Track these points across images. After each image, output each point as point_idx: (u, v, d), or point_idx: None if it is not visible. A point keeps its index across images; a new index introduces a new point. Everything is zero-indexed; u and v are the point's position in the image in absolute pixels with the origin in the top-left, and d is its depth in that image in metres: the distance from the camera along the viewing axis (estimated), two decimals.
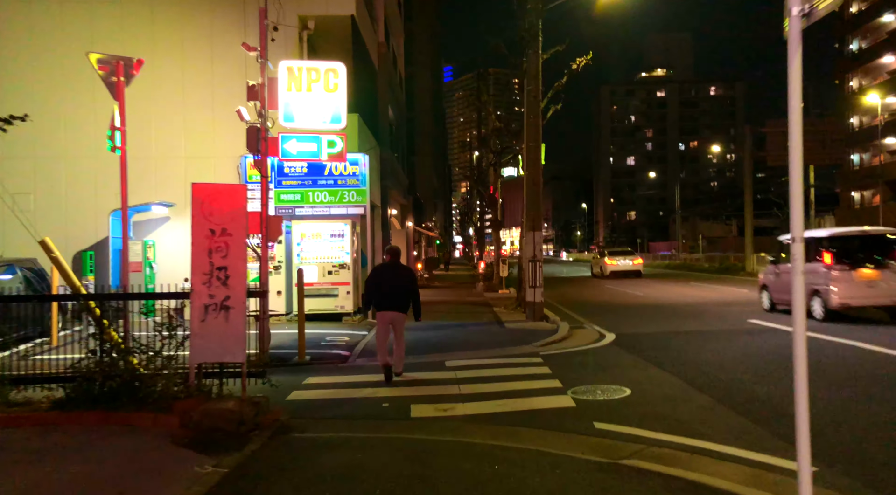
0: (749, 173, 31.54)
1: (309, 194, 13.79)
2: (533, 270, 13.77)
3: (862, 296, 12.11)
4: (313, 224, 13.40)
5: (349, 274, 13.26)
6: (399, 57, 26.56)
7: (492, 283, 25.17)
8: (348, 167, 13.79)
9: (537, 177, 14.00)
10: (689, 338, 10.94)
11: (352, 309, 13.26)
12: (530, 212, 14.04)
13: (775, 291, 14.14)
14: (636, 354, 9.45)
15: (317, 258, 13.28)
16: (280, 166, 13.71)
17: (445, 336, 11.77)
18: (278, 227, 9.55)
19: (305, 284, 12.84)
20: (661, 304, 17.45)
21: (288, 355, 9.71)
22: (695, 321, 13.43)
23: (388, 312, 8.05)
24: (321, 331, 12.01)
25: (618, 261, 32.24)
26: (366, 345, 10.77)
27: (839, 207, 51.41)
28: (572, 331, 11.94)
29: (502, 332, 12.22)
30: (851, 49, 49.00)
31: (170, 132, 14.18)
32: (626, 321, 13.82)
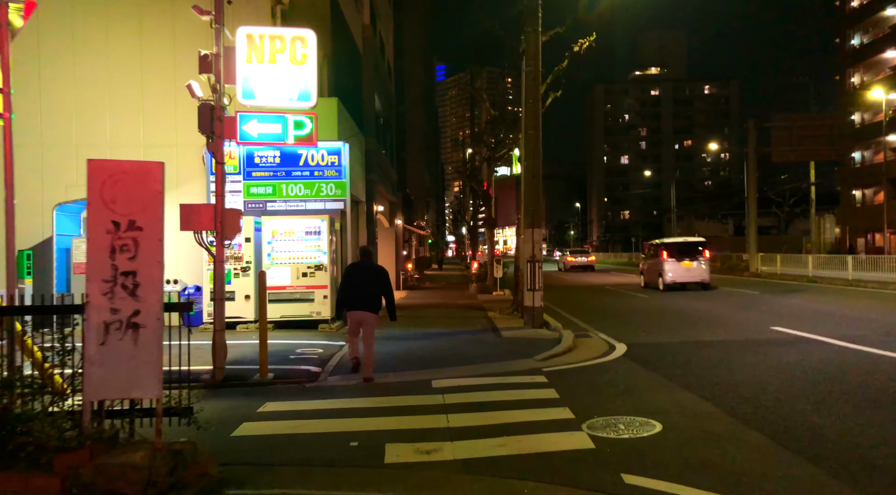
0: (753, 170, 30.28)
1: (282, 187, 12.37)
2: (532, 272, 12.39)
3: (683, 276, 21.43)
4: (286, 220, 11.97)
5: (326, 276, 11.84)
6: (387, 46, 25.14)
7: (485, 284, 23.80)
8: (326, 157, 12.37)
9: (537, 169, 12.62)
10: (710, 350, 9.58)
11: (329, 315, 11.84)
12: (529, 208, 12.65)
13: (645, 275, 23.91)
14: (655, 371, 8.08)
15: (290, 258, 11.85)
16: (250, 156, 12.28)
17: (434, 347, 10.37)
18: (235, 223, 8.11)
19: (276, 288, 11.46)
20: (668, 309, 16.11)
21: (248, 372, 8.28)
22: (711, 328, 12.10)
23: (357, 312, 7.98)
24: (292, 342, 10.58)
25: (576, 258, 44.24)
26: (341, 358, 9.36)
27: (840, 206, 50.34)
28: (577, 341, 10.56)
29: (498, 342, 10.83)
30: (853, 44, 47.92)
31: (126, 118, 12.72)
32: (635, 328, 12.46)
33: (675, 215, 71.86)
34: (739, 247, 56.78)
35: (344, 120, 13.37)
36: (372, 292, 7.97)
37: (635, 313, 15.33)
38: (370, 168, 17.41)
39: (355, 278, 8.03)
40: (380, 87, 21.23)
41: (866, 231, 45.91)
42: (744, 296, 19.16)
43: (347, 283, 8.04)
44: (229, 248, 11.78)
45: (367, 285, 7.96)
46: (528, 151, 12.68)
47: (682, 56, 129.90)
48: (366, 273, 8.06)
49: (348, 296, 8.00)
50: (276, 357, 9.26)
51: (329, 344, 10.44)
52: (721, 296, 19.17)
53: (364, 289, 7.94)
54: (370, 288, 7.97)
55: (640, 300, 18.87)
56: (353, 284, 7.99)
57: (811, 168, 39.39)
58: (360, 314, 7.96)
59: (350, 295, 7.98)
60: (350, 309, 8.00)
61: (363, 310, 7.95)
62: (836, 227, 50.86)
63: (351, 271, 8.19)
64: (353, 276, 8.06)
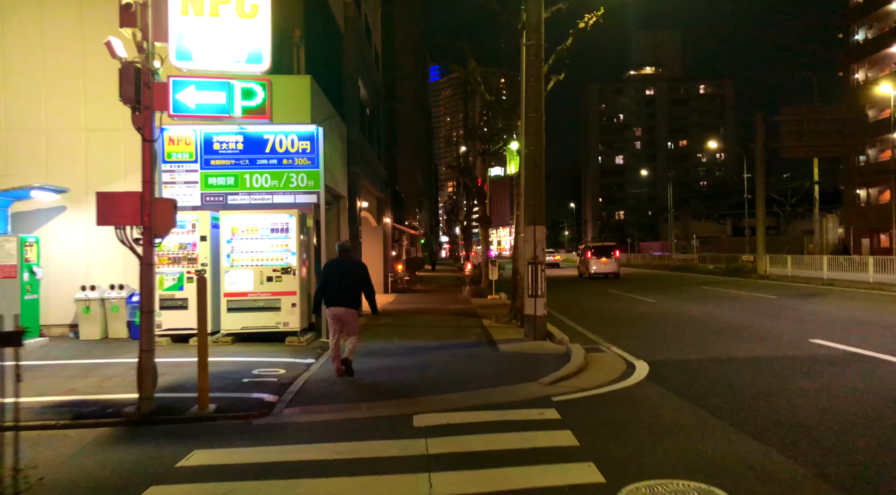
0: (761, 166, 28.76)
1: (245, 177, 10.70)
2: (533, 275, 10.77)
3: (601, 268, 31.30)
4: (248, 216, 10.30)
5: (295, 280, 10.17)
6: (375, 32, 23.46)
7: (479, 287, 22.17)
8: (297, 142, 10.71)
9: (539, 158, 11.00)
10: (751, 370, 7.98)
11: (298, 326, 10.17)
12: (530, 202, 11.03)
13: (580, 267, 33.61)
14: (694, 401, 6.46)
15: (252, 260, 10.17)
16: (208, 142, 10.61)
17: (419, 365, 8.72)
18: (167, 217, 6.45)
19: (236, 294, 9.81)
20: (681, 316, 14.52)
21: (186, 402, 6.64)
22: (740, 341, 10.50)
23: (336, 308, 7.76)
24: (251, 359, 8.91)
25: None
26: (307, 381, 7.70)
27: (843, 206, 48.97)
28: (588, 357, 8.93)
29: (496, 359, 9.19)
30: (857, 39, 46.57)
31: (65, 97, 11.03)
32: (652, 340, 10.85)
33: (672, 215, 70.55)
34: (738, 247, 55.56)
35: (319, 101, 11.71)
36: (351, 288, 7.79)
37: (647, 321, 13.73)
38: (353, 160, 15.75)
39: (334, 274, 7.81)
40: (366, 75, 19.56)
41: (871, 231, 44.57)
42: (761, 301, 17.60)
43: (326, 280, 7.81)
44: (183, 249, 10.13)
45: (345, 281, 7.75)
46: (530, 138, 11.06)
47: (677, 55, 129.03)
48: (345, 269, 7.87)
49: (327, 293, 7.77)
50: (227, 380, 7.62)
51: (295, 362, 8.77)
52: (736, 302, 17.61)
53: (343, 286, 7.74)
54: (349, 284, 7.77)
55: (647, 305, 17.28)
56: (331, 280, 7.77)
57: (815, 166, 37.98)
58: (339, 311, 7.75)
59: (329, 291, 7.76)
60: (329, 305, 7.78)
61: (343, 307, 7.74)
62: (839, 228, 49.54)
63: (329, 267, 7.94)
64: (331, 272, 7.85)
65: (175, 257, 10.12)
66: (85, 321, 10.47)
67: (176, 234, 10.13)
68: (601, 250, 32.07)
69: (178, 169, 10.61)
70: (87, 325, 10.49)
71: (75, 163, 10.84)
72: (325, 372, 8.25)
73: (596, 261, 31.43)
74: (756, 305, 16.38)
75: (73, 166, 10.81)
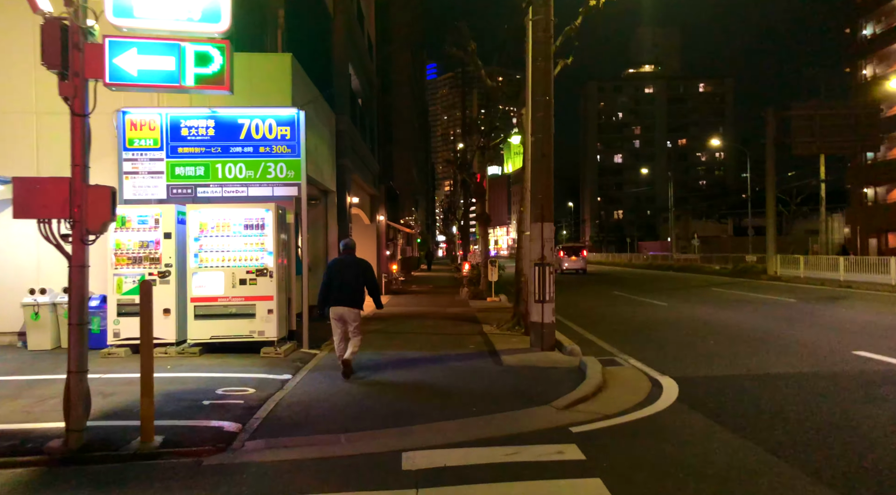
0: (771, 163, 27.64)
1: (217, 167, 9.51)
2: (541, 278, 9.61)
3: (571, 266, 37.00)
4: (219, 210, 9.10)
5: (272, 283, 8.97)
6: (368, 19, 22.27)
7: (478, 289, 20.98)
8: (276, 128, 9.53)
9: (548, 146, 9.83)
10: (801, 392, 6.83)
11: (275, 335, 8.97)
12: (537, 196, 9.86)
13: None
14: (745, 435, 5.30)
15: (224, 260, 8.97)
16: (175, 127, 9.42)
17: (412, 382, 7.54)
18: (103, 208, 5.26)
19: (204, 299, 8.64)
20: (698, 322, 13.37)
21: (128, 432, 5.45)
22: (773, 352, 9.36)
23: (338, 307, 7.70)
24: (217, 375, 7.72)
25: None
26: (279, 403, 6.52)
27: (850, 205, 47.87)
28: (606, 372, 7.76)
29: (500, 374, 8.02)
30: (864, 34, 45.49)
31: (13, 77, 9.81)
32: (673, 351, 9.70)
33: (672, 215, 69.55)
34: (740, 247, 54.45)
35: (301, 82, 10.53)
36: (353, 287, 7.70)
37: (662, 327, 12.57)
38: (342, 151, 14.57)
39: (337, 273, 7.71)
40: (357, 63, 18.39)
41: (879, 231, 43.51)
42: (780, 305, 16.46)
43: (330, 279, 7.72)
44: (145, 248, 8.94)
45: (349, 280, 7.68)
46: (536, 124, 9.89)
47: (677, 53, 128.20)
48: (348, 267, 7.77)
49: (331, 292, 7.69)
50: (184, 401, 6.45)
51: (268, 378, 7.59)
52: (753, 305, 16.47)
53: (346, 284, 7.66)
54: (352, 282, 7.69)
55: (658, 309, 16.14)
56: (334, 279, 7.68)
57: (821, 163, 36.93)
58: (341, 309, 7.68)
59: (332, 290, 7.68)
60: (331, 304, 7.72)
61: (344, 306, 7.67)
62: (845, 227, 48.47)
63: (333, 266, 7.87)
64: (334, 270, 7.75)
65: (136, 257, 8.92)
66: (34, 329, 9.27)
67: (136, 231, 8.94)
68: (571, 250, 38.63)
69: (141, 157, 9.42)
70: (36, 334, 9.29)
71: (24, 149, 9.65)
72: (303, 390, 7.08)
73: (567, 259, 37.33)
74: (776, 310, 15.23)
75: (21, 153, 9.61)
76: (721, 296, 19.60)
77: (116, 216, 5.56)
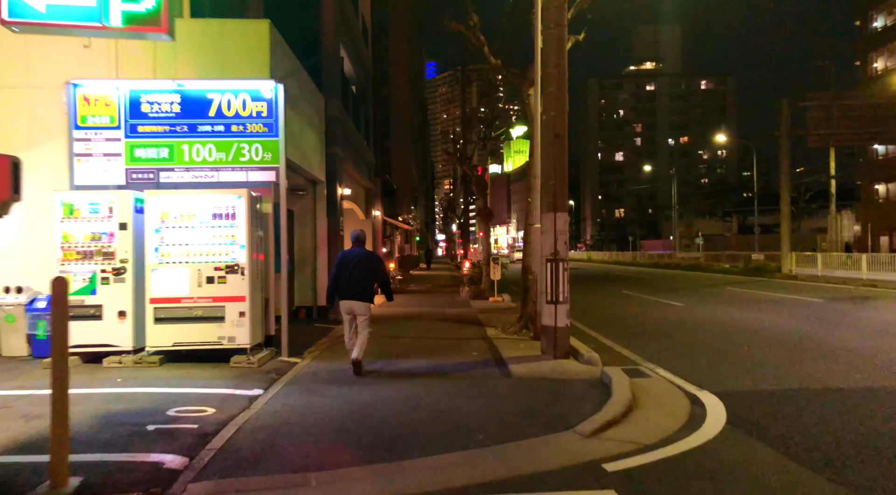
0: (786, 156, 26.42)
1: (183, 148, 8.30)
2: (554, 275, 8.41)
3: None
4: (183, 198, 7.89)
5: (244, 282, 7.76)
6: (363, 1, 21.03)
7: (479, 288, 19.78)
8: (250, 103, 8.32)
9: (561, 126, 8.62)
10: (878, 412, 5.64)
11: (248, 341, 7.77)
12: (549, 183, 8.66)
13: None
14: (836, 479, 4.11)
15: (188, 254, 7.77)
16: (135, 103, 8.21)
17: (405, 400, 6.32)
18: (1, 184, 4.06)
19: (166, 299, 7.44)
20: (723, 324, 12.17)
21: (40, 471, 4.26)
22: (820, 359, 8.17)
23: (347, 301, 7.50)
24: (175, 390, 6.51)
25: None
26: (242, 428, 5.31)
27: (860, 202, 46.65)
28: (633, 386, 6.56)
29: (509, 389, 6.81)
30: (875, 27, 44.27)
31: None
32: (704, 357, 8.50)
33: (675, 213, 68.40)
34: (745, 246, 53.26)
35: (281, 53, 9.32)
36: (364, 280, 7.53)
37: (684, 330, 11.37)
38: (333, 138, 13.36)
39: (345, 266, 7.52)
40: (350, 46, 17.17)
41: (890, 228, 42.31)
42: (807, 305, 15.26)
43: (339, 272, 7.55)
44: (97, 240, 7.73)
45: (358, 272, 7.49)
46: (548, 100, 8.69)
47: (678, 50, 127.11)
48: (358, 260, 7.57)
49: (340, 285, 7.53)
50: (125, 425, 5.27)
51: (233, 394, 6.38)
52: (778, 306, 15.27)
53: (356, 277, 7.48)
54: (362, 275, 7.51)
55: (675, 310, 14.93)
56: (343, 273, 7.50)
57: (831, 159, 35.78)
58: (349, 303, 7.51)
59: (341, 283, 7.53)
60: (341, 298, 7.57)
61: (353, 299, 7.49)
62: (855, 225, 47.26)
63: (342, 259, 7.64)
64: (343, 264, 7.56)
65: (86, 251, 7.71)
66: None
67: (87, 221, 7.73)
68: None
69: (95, 137, 8.20)
70: None
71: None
72: (274, 409, 5.87)
73: None
74: (805, 311, 14.03)
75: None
76: (738, 295, 18.40)
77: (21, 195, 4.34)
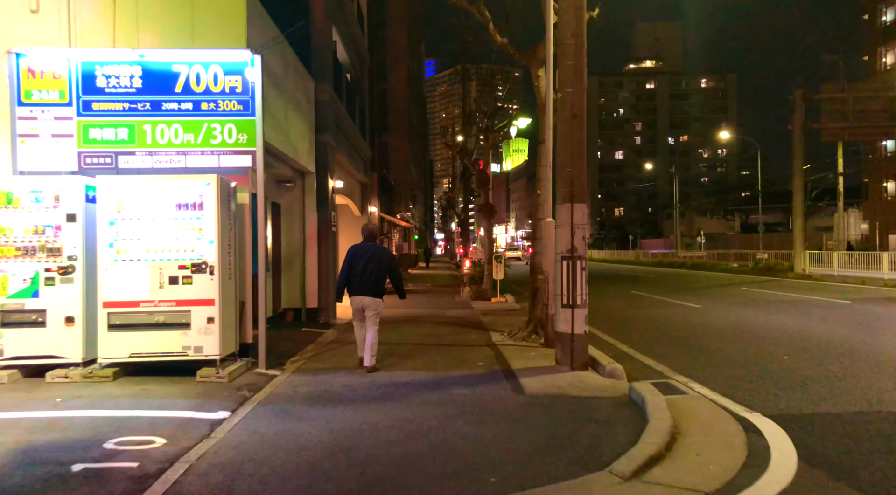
0: (800, 149, 25.42)
1: (146, 129, 7.21)
2: (570, 275, 7.36)
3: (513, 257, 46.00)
4: (142, 183, 6.80)
5: (213, 283, 6.68)
6: None
7: (481, 288, 18.72)
8: (222, 78, 7.23)
9: (579, 103, 7.55)
10: None
11: (218, 351, 6.68)
12: (566, 170, 7.59)
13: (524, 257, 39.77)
14: None
15: (148, 251, 6.68)
16: (89, 76, 7.13)
17: (399, 427, 5.22)
18: None
19: (122, 303, 6.36)
20: (750, 328, 11.11)
21: None
22: (876, 370, 7.10)
23: (358, 297, 7.37)
24: (124, 413, 5.42)
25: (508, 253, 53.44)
26: (194, 466, 4.22)
27: (868, 200, 45.64)
28: (671, 407, 5.49)
29: (523, 410, 5.72)
30: (885, 20, 43.25)
31: None
32: (744, 369, 7.44)
33: (677, 211, 67.44)
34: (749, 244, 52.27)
35: (260, 20, 8.24)
36: (376, 276, 7.38)
37: (709, 335, 10.30)
38: (323, 125, 12.28)
39: (357, 261, 7.38)
40: (344, 30, 16.09)
41: None
42: (836, 307, 14.20)
43: (349, 266, 7.39)
44: (40, 234, 6.66)
45: (369, 268, 7.34)
46: (565, 75, 7.60)
47: (678, 48, 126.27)
48: (369, 255, 7.43)
49: (351, 280, 7.38)
50: (47, 464, 4.22)
51: (194, 418, 5.30)
52: (802, 307, 14.21)
53: (367, 272, 7.33)
54: (374, 271, 7.36)
55: (692, 312, 13.87)
56: (355, 267, 7.36)
57: (839, 154, 34.82)
58: (360, 299, 7.37)
59: (352, 279, 7.37)
60: (351, 294, 7.42)
61: (364, 295, 7.35)
62: (862, 223, 46.22)
63: (353, 253, 7.47)
64: (354, 259, 7.40)
65: (27, 247, 6.62)
66: None
67: (29, 212, 6.65)
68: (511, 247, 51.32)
69: (42, 115, 7.11)
70: None
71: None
72: (239, 440, 4.79)
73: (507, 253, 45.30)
74: (835, 313, 12.98)
75: None
76: (755, 296, 17.34)
77: None
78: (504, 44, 10.79)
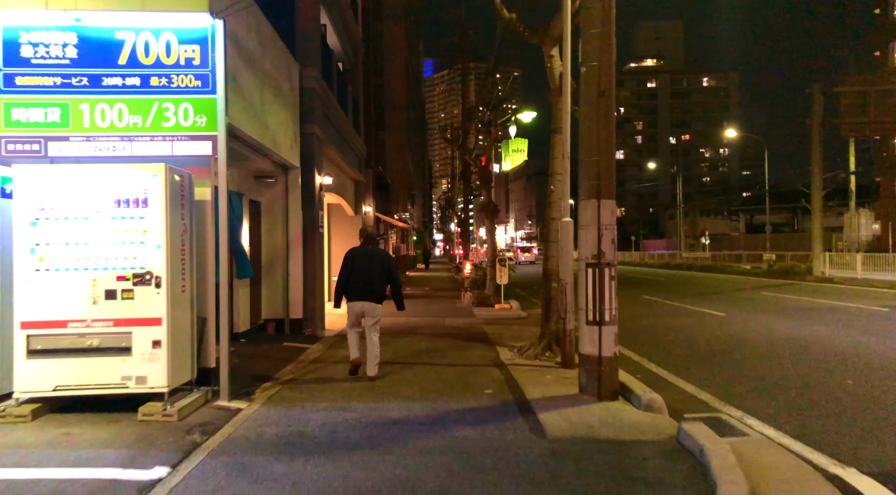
0: (818, 146, 24.18)
1: (82, 109, 5.92)
2: (597, 285, 6.09)
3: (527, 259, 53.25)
4: (71, 174, 5.52)
5: (161, 297, 5.40)
6: None
7: (483, 293, 17.46)
8: (177, 47, 5.95)
9: (607, 81, 6.28)
10: None
11: (165, 381, 5.40)
12: (591, 159, 6.33)
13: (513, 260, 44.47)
14: None
15: (79, 257, 5.40)
16: (11, 44, 5.85)
17: (385, 487, 3.95)
18: None
19: (48, 323, 5.05)
20: (788, 341, 9.84)
21: None
22: None
23: (357, 302, 7.10)
24: (22, 474, 4.13)
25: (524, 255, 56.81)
26: None
27: (880, 199, 44.31)
28: (741, 461, 4.22)
29: (546, 463, 4.45)
30: None
31: None
32: (804, 399, 6.17)
33: (680, 211, 66.27)
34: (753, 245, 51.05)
35: None
36: (377, 280, 7.12)
37: (744, 352, 9.02)
38: (309, 115, 11.01)
39: (357, 264, 7.12)
40: (335, 10, 14.81)
41: None
42: (877, 316, 12.94)
43: (348, 271, 7.10)
44: None
45: (371, 272, 7.10)
46: (591, 47, 6.33)
47: (680, 47, 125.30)
48: (371, 258, 7.19)
49: (350, 284, 7.10)
50: None
51: (118, 481, 4.01)
52: (837, 315, 12.94)
53: (368, 277, 7.07)
54: (375, 275, 7.10)
55: (718, 321, 12.60)
56: (354, 272, 7.09)
57: (851, 152, 33.65)
58: (360, 305, 7.07)
59: (351, 283, 7.09)
60: (350, 299, 7.12)
61: (364, 300, 7.06)
62: (874, 223, 44.98)
63: (351, 257, 7.19)
64: (354, 262, 7.14)
65: None
66: None
67: None
68: (524, 249, 56.19)
69: None
70: None
71: None
72: None
73: (523, 254, 52.82)
74: (880, 324, 11.71)
75: None
76: (780, 302, 16.08)
77: None
78: (512, 19, 9.53)
